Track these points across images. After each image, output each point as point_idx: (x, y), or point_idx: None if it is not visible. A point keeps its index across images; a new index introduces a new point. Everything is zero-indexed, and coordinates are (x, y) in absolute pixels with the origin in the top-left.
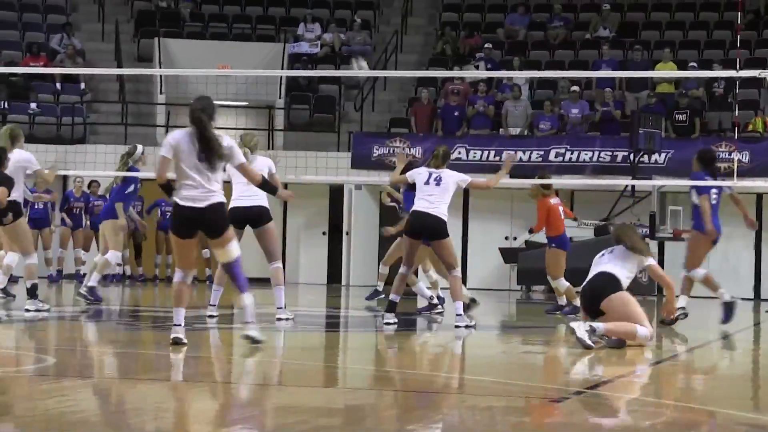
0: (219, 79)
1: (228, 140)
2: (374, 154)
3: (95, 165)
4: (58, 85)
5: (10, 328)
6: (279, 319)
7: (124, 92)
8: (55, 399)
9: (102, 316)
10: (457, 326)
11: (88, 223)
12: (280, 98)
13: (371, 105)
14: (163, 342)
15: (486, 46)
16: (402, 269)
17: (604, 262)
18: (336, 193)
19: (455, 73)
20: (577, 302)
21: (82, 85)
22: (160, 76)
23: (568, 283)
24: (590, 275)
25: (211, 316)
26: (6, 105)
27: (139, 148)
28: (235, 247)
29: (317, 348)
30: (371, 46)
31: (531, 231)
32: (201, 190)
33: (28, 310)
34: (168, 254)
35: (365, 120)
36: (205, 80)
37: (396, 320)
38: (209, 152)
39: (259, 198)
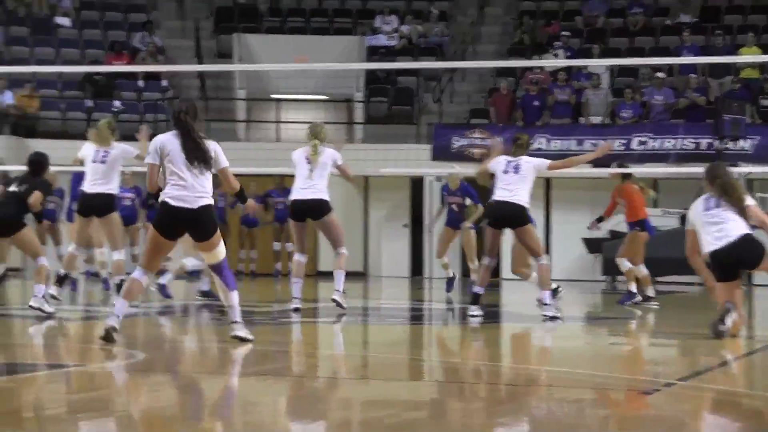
0: (298, 73)
1: (213, 144)
2: (454, 146)
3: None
4: (140, 83)
5: (99, 324)
6: (333, 300)
7: (205, 88)
8: (147, 394)
9: (189, 311)
10: (543, 315)
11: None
12: (358, 91)
13: (450, 96)
14: (255, 336)
15: (564, 34)
16: (485, 260)
17: (729, 220)
18: (417, 185)
19: (534, 62)
20: (650, 292)
21: (164, 82)
22: (240, 71)
23: (647, 271)
24: (722, 234)
25: (296, 309)
26: (91, 103)
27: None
28: (222, 249)
29: (402, 341)
30: (449, 37)
31: (600, 219)
32: (191, 191)
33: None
34: (251, 249)
35: (444, 111)
36: (283, 75)
37: (481, 312)
38: (197, 154)
39: (319, 191)
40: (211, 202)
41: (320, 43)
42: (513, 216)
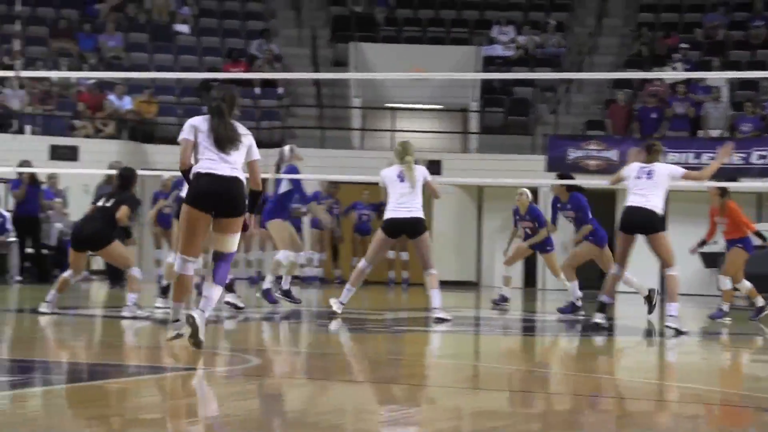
0: (413, 83)
1: (247, 134)
2: (569, 157)
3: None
4: (257, 90)
5: (216, 328)
6: (438, 319)
7: (321, 96)
8: (261, 399)
9: (301, 317)
10: (667, 326)
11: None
12: (474, 101)
13: (566, 107)
14: (358, 344)
15: (683, 46)
16: (614, 269)
17: None
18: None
19: (652, 74)
20: (760, 301)
21: (280, 90)
22: (355, 80)
23: (750, 284)
24: None
25: (332, 314)
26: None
27: (286, 148)
28: (236, 242)
29: (514, 352)
30: (566, 48)
31: (703, 243)
32: (222, 163)
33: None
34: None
35: (560, 122)
36: (399, 84)
37: (606, 321)
38: (226, 136)
39: (416, 210)
40: (243, 178)
41: (436, 53)
42: (645, 222)
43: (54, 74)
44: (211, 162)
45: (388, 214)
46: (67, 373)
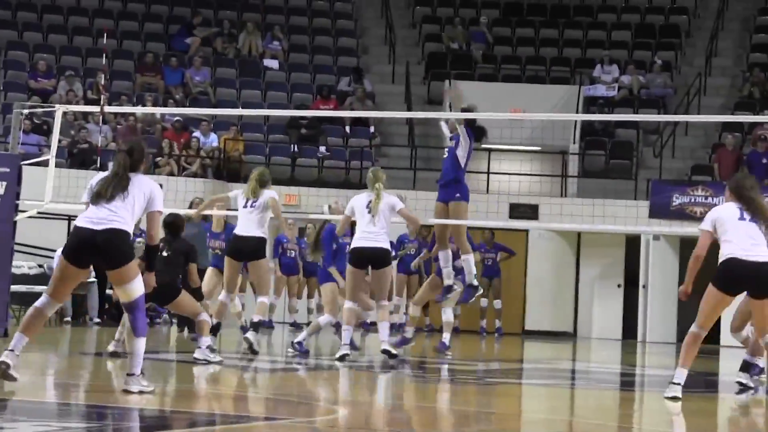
0: (512, 123)
1: (152, 186)
2: (674, 203)
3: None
4: (347, 128)
5: (279, 376)
6: (383, 351)
7: (414, 136)
8: None
9: (396, 366)
10: None
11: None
12: (574, 143)
13: (671, 151)
14: (448, 396)
15: None
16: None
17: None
18: (632, 243)
19: (763, 117)
20: None
21: (372, 129)
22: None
23: None
24: (756, 251)
25: (342, 357)
26: (296, 149)
27: (325, 207)
28: (138, 286)
29: (611, 407)
30: (672, 89)
31: None
32: (103, 213)
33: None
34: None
35: (665, 167)
36: (496, 124)
37: (753, 385)
38: (110, 187)
39: (381, 240)
40: (125, 228)
41: (535, 92)
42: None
43: (138, 110)
44: (90, 212)
45: (354, 243)
46: (144, 420)
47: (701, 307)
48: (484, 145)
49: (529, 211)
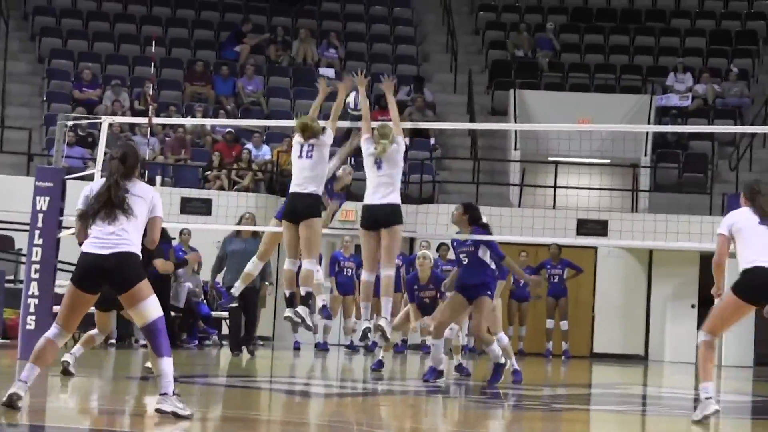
0: (580, 135)
1: (151, 193)
2: None
3: (447, 227)
4: (406, 140)
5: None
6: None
7: (476, 148)
8: None
9: (467, 392)
10: None
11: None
12: (645, 155)
13: (748, 163)
14: (513, 423)
15: None
16: None
17: None
18: (707, 261)
19: None
20: None
21: (432, 140)
22: (516, 131)
23: None
24: None
25: (365, 335)
26: (353, 161)
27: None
28: (154, 306)
29: None
30: (750, 98)
31: None
32: (109, 235)
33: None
34: (521, 325)
35: (741, 180)
36: (563, 135)
37: None
38: (109, 203)
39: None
40: (132, 250)
41: (604, 102)
42: None
43: (188, 121)
44: (96, 234)
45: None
46: None
47: (716, 312)
48: (551, 158)
49: (598, 228)
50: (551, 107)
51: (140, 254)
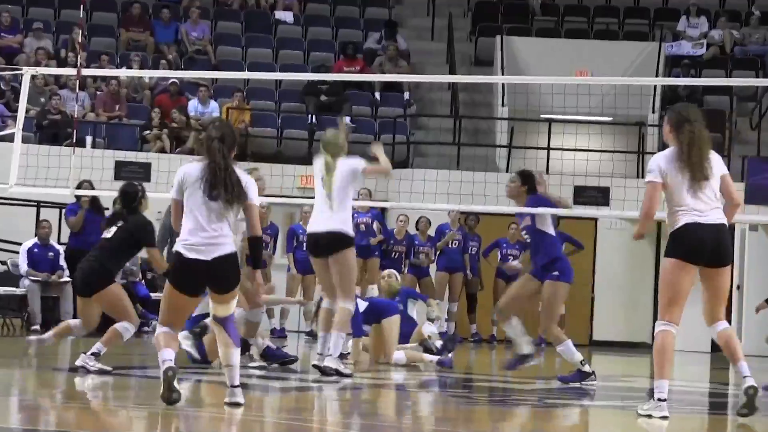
0: (577, 89)
1: (246, 176)
2: None
3: (423, 196)
4: (377, 95)
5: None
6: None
7: (458, 104)
8: None
9: (428, 385)
10: None
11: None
12: (653, 113)
13: None
14: (502, 422)
15: None
16: None
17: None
18: None
19: None
20: None
21: (406, 95)
22: (503, 84)
23: None
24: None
25: (315, 366)
26: (314, 119)
27: None
28: (235, 303)
29: None
30: None
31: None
32: (207, 236)
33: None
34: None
35: (764, 141)
36: (558, 89)
37: None
38: (221, 189)
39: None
40: (232, 249)
41: (606, 51)
42: None
43: (123, 73)
44: (195, 237)
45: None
46: None
47: None
48: (543, 116)
49: (599, 196)
50: (544, 57)
51: (237, 253)
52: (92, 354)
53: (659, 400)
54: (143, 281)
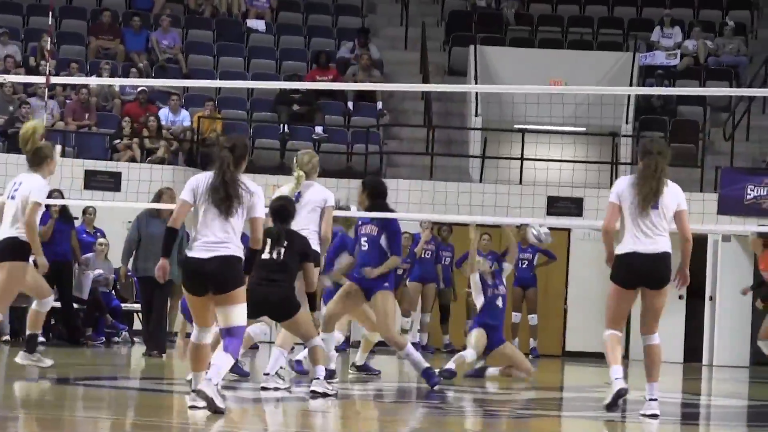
0: (551, 99)
1: (254, 189)
2: (748, 196)
3: (396, 206)
4: (350, 105)
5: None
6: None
7: (431, 113)
8: None
9: (399, 395)
10: None
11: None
12: (627, 123)
13: (745, 132)
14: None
15: None
16: None
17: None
18: (698, 245)
19: None
20: None
21: (379, 105)
22: (476, 93)
23: None
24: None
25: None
26: (286, 129)
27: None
28: (242, 313)
29: None
30: (747, 57)
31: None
32: (210, 240)
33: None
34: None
35: (737, 152)
36: (532, 99)
37: None
38: (227, 198)
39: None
40: (234, 253)
41: (580, 61)
42: None
43: (93, 81)
44: (201, 240)
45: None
46: None
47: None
48: (517, 126)
49: (572, 206)
50: (518, 66)
51: (241, 258)
52: None
53: (616, 379)
54: (114, 292)
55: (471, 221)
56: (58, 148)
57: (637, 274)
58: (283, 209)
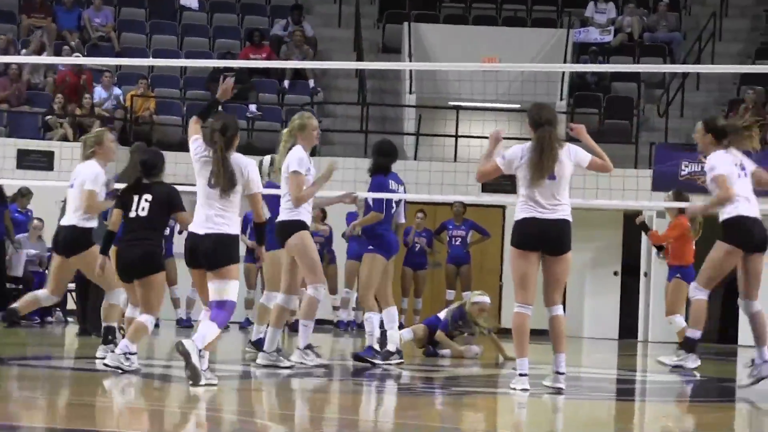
0: (485, 76)
1: (249, 166)
2: (683, 172)
3: (330, 183)
4: (285, 83)
5: None
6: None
7: (365, 91)
8: None
9: (335, 374)
10: None
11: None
12: (561, 99)
13: (679, 109)
14: (406, 410)
15: None
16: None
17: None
18: (632, 221)
19: None
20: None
21: (312, 83)
22: (410, 71)
23: (685, 323)
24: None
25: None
26: (219, 108)
27: (266, 160)
28: (233, 288)
29: (605, 421)
30: (681, 33)
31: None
32: (206, 217)
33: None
34: (417, 297)
35: (671, 128)
36: (466, 76)
37: None
38: (218, 178)
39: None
40: (228, 231)
41: (514, 37)
42: None
43: (24, 59)
44: (198, 217)
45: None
46: None
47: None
48: (451, 103)
49: (507, 183)
50: (452, 44)
51: (237, 236)
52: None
53: (520, 375)
54: (47, 271)
55: (407, 198)
56: None
57: (536, 237)
58: (144, 163)
